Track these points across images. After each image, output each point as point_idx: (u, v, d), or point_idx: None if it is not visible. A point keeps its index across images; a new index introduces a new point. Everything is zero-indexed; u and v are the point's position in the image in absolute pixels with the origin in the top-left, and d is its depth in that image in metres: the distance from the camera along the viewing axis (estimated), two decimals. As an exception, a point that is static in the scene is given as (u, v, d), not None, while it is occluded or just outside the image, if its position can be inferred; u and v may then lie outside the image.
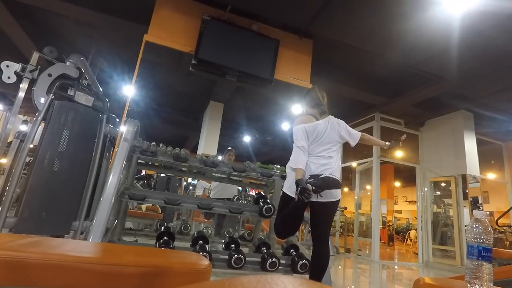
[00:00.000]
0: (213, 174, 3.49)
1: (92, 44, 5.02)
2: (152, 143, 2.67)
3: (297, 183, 1.81)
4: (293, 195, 1.85)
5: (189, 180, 7.34)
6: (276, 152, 10.45)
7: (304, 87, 4.31)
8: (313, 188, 1.74)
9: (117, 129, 2.51)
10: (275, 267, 2.45)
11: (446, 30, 3.68)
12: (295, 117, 2.08)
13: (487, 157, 7.12)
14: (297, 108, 4.93)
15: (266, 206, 2.65)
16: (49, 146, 1.94)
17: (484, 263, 0.89)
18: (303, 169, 1.86)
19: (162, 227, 3.28)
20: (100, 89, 2.41)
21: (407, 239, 10.71)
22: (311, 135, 1.98)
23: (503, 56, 4.06)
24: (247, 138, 9.56)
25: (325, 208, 1.90)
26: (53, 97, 2.00)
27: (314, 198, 1.81)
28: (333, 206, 1.92)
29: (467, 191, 5.77)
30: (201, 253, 2.26)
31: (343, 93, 5.72)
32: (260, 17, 4.14)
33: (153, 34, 3.70)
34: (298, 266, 2.49)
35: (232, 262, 2.34)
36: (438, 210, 6.48)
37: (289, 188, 1.93)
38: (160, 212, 5.22)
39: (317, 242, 1.90)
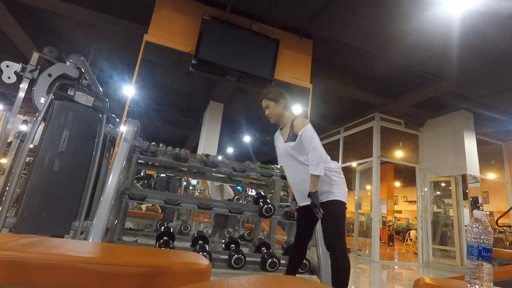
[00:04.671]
0: (213, 174, 3.49)
1: (92, 44, 5.02)
2: (152, 143, 2.67)
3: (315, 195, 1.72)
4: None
5: (190, 180, 7.34)
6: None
7: (304, 87, 4.31)
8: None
9: (117, 129, 2.51)
10: (275, 267, 2.45)
11: (446, 30, 3.68)
12: (300, 119, 1.86)
13: (487, 157, 7.13)
14: (297, 108, 4.94)
15: (266, 206, 2.64)
16: (49, 146, 1.94)
17: (484, 263, 0.90)
18: None
19: (162, 227, 3.27)
20: (100, 89, 2.41)
21: (407, 239, 10.70)
22: None
23: (503, 56, 4.06)
24: (247, 138, 9.56)
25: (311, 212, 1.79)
26: (53, 97, 2.00)
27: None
28: (325, 208, 1.75)
29: (467, 191, 5.77)
30: (201, 253, 2.25)
31: (343, 93, 5.71)
32: (260, 17, 4.13)
33: (153, 34, 3.70)
34: (298, 266, 2.49)
35: (232, 262, 2.33)
36: (438, 210, 6.48)
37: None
38: (160, 212, 5.22)
39: (328, 251, 1.75)
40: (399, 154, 7.20)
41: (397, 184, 13.38)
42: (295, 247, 1.98)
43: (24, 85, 2.07)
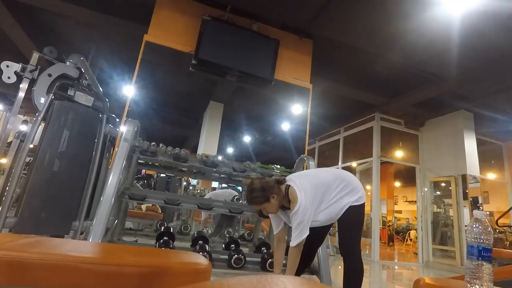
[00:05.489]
0: (213, 174, 3.49)
1: (92, 44, 5.02)
2: (152, 143, 2.67)
3: None
4: None
5: (190, 180, 7.34)
6: (276, 152, 10.43)
7: (304, 87, 4.31)
8: None
9: (117, 129, 2.52)
10: (275, 267, 2.44)
11: (446, 30, 3.68)
12: (294, 198, 1.71)
13: (487, 157, 7.13)
14: (297, 108, 4.93)
15: (266, 206, 2.64)
16: (49, 146, 1.94)
17: (484, 263, 0.90)
18: None
19: (162, 227, 3.28)
20: (100, 89, 2.41)
21: (407, 239, 10.70)
22: None
23: (503, 56, 4.06)
24: (247, 138, 9.56)
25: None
26: (53, 97, 2.00)
27: None
28: (344, 215, 1.78)
29: (467, 191, 5.77)
30: (201, 253, 2.25)
31: (343, 93, 5.71)
32: (260, 17, 4.13)
33: (153, 34, 3.70)
34: (298, 266, 2.48)
35: (232, 262, 2.33)
36: (438, 210, 6.48)
37: None
38: (160, 212, 5.22)
39: (342, 256, 1.78)
40: (399, 154, 7.20)
41: (397, 184, 13.38)
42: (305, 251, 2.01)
43: (24, 85, 2.07)
